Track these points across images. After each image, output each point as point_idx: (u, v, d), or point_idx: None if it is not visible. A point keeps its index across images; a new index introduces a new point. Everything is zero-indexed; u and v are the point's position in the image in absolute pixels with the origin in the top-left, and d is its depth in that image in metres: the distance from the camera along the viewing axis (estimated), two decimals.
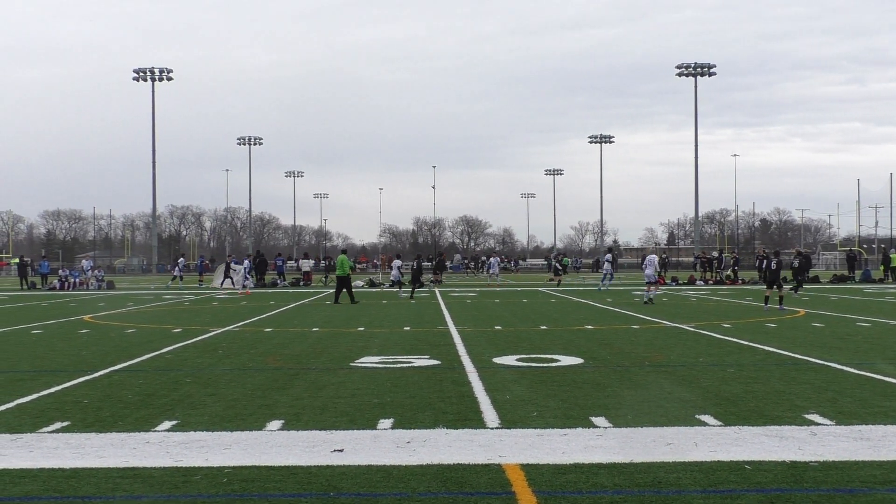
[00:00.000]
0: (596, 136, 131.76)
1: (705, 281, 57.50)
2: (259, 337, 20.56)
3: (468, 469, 7.67)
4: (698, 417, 9.90)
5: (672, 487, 7.06)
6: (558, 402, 10.97)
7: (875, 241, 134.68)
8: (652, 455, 8.09)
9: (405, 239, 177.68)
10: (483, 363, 15.07)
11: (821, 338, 19.31)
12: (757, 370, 13.96)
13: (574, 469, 7.63)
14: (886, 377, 12.96)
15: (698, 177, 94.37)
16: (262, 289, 54.01)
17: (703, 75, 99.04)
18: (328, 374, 13.96)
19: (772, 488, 7.01)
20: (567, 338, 19.73)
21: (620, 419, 9.84)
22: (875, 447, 8.39)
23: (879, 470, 7.55)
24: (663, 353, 16.38)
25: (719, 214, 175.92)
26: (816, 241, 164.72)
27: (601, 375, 13.48)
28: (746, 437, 8.85)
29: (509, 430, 9.31)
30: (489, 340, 19.26)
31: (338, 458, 8.10)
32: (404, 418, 10.03)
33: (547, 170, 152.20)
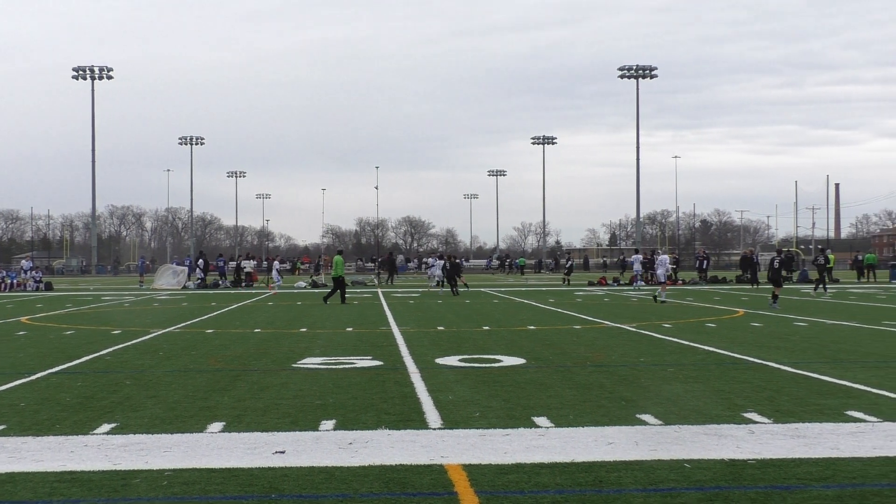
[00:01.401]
0: (539, 138, 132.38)
1: (646, 281, 57.94)
2: (200, 338, 20.40)
3: (410, 470, 7.67)
4: (639, 417, 9.98)
5: (613, 486, 7.11)
6: (501, 403, 11.00)
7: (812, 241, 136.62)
8: (593, 454, 8.14)
9: (348, 239, 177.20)
10: (426, 364, 15.07)
11: (759, 337, 19.54)
12: (697, 370, 14.10)
13: (516, 469, 7.66)
14: (822, 376, 13.15)
15: (640, 178, 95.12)
16: (203, 290, 53.57)
17: (645, 77, 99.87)
18: (270, 375, 13.89)
19: (711, 486, 7.09)
20: (510, 338, 19.79)
21: (562, 419, 9.89)
22: (811, 444, 8.51)
23: (815, 467, 7.66)
24: (605, 353, 16.49)
25: (660, 215, 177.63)
26: (755, 242, 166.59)
27: (543, 375, 13.54)
28: (686, 436, 8.93)
29: (452, 431, 9.32)
30: (432, 341, 19.26)
31: (279, 460, 8.06)
32: (347, 419, 10.00)
33: (490, 170, 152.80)
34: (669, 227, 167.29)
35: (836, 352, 16.57)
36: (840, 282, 57.98)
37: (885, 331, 20.99)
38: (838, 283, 57.24)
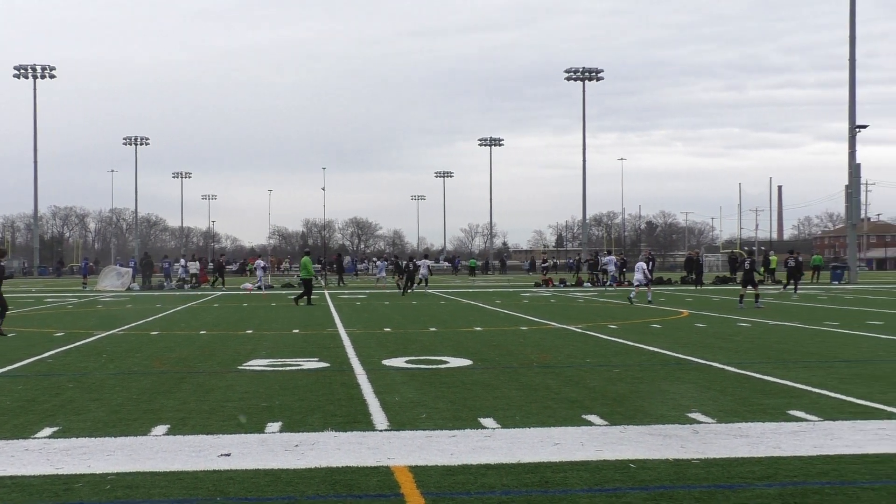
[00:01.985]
0: (486, 139, 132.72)
1: (592, 283, 58.29)
2: (145, 340, 20.21)
3: (357, 471, 7.65)
4: (585, 417, 10.03)
5: (559, 487, 7.14)
6: (447, 404, 11.01)
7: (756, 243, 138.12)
8: (539, 455, 8.17)
9: (294, 241, 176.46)
10: (372, 365, 15.04)
11: (704, 338, 19.73)
12: (642, 370, 14.20)
13: (462, 470, 7.66)
14: (765, 376, 13.30)
15: (586, 180, 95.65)
16: (148, 291, 53.08)
17: (591, 80, 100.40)
18: (216, 377, 13.79)
19: (656, 486, 7.14)
20: (456, 339, 19.82)
21: (509, 420, 9.92)
22: (754, 444, 8.60)
23: (758, 466, 7.75)
24: (551, 354, 16.56)
25: (606, 217, 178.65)
26: (700, 244, 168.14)
27: (490, 377, 13.57)
28: (631, 436, 9.00)
29: (398, 432, 9.31)
30: (378, 342, 19.24)
31: (225, 463, 8.00)
32: (293, 421, 9.96)
33: (437, 172, 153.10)
34: (615, 228, 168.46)
35: (779, 352, 16.77)
36: (781, 283, 58.65)
37: (826, 331, 21.28)
38: (780, 283, 57.91)
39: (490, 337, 20.42)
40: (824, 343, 18.46)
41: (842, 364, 14.88)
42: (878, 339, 19.05)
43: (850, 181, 62.50)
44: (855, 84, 61.78)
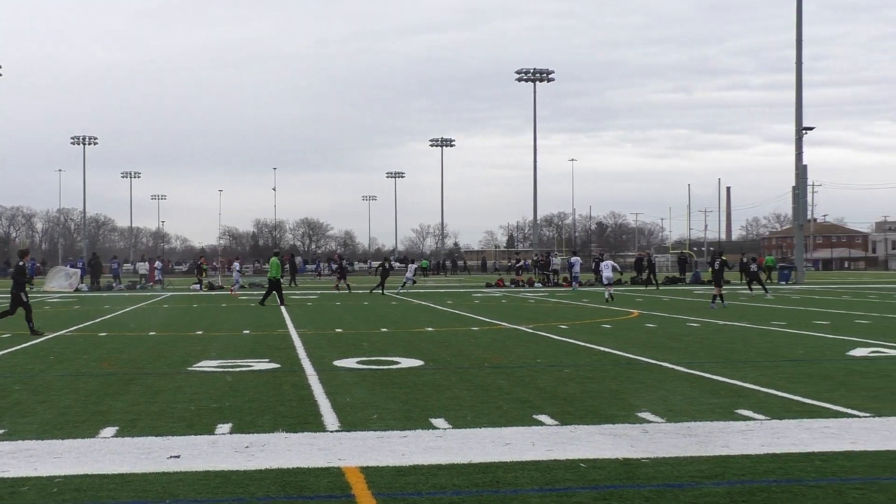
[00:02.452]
0: (437, 140, 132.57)
1: (543, 283, 58.50)
2: (93, 341, 20.01)
3: (308, 473, 7.62)
4: (536, 417, 10.07)
5: (510, 487, 7.16)
6: (399, 404, 11.00)
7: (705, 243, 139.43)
8: (490, 455, 8.19)
9: (245, 241, 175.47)
10: (323, 366, 15.00)
11: (654, 338, 19.87)
12: (593, 370, 14.28)
13: (414, 471, 7.66)
14: (714, 375, 13.42)
15: (537, 180, 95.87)
16: (96, 292, 52.54)
17: (542, 81, 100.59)
18: (165, 378, 13.68)
19: (606, 485, 7.18)
20: (408, 340, 19.81)
21: (460, 420, 9.93)
22: (702, 443, 8.68)
23: (706, 465, 7.82)
24: (502, 355, 16.60)
25: (557, 217, 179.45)
26: (650, 244, 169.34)
27: (441, 377, 13.58)
28: (582, 436, 9.04)
29: (349, 433, 9.29)
30: (330, 343, 19.19)
31: (174, 465, 7.94)
32: (243, 423, 9.91)
33: (388, 172, 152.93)
34: (566, 229, 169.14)
35: (728, 352, 16.94)
36: (731, 283, 59.19)
37: (773, 331, 21.51)
38: (729, 283, 58.44)
39: (441, 337, 20.44)
40: (772, 343, 18.66)
41: (789, 363, 15.06)
42: (824, 339, 19.29)
43: (797, 182, 63.19)
44: (802, 86, 62.51)
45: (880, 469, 7.66)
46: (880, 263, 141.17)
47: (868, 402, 10.93)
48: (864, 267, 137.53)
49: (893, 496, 6.80)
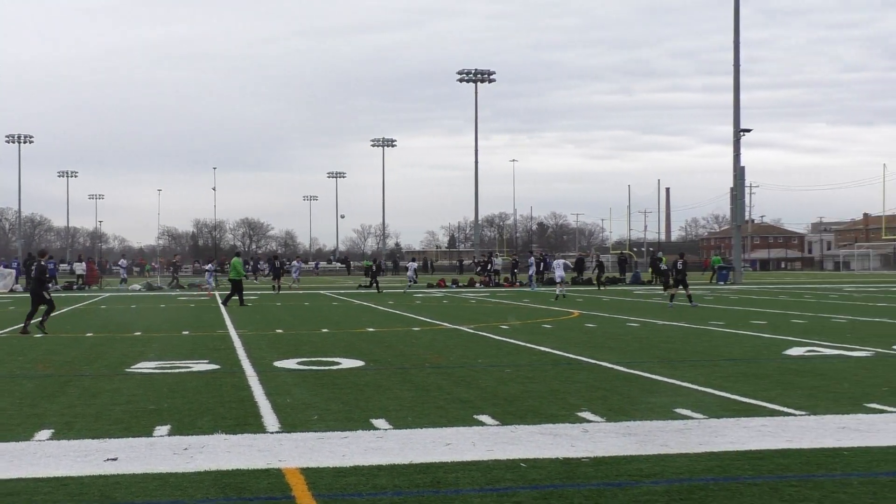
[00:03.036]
0: (378, 140, 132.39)
1: (484, 283, 58.65)
2: (28, 343, 19.72)
3: (247, 474, 7.57)
4: (476, 417, 10.08)
5: (450, 487, 7.16)
6: (339, 405, 10.97)
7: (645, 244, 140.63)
8: (431, 455, 8.19)
9: (185, 241, 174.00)
10: (264, 367, 14.92)
11: (594, 338, 20.00)
12: (533, 370, 14.33)
13: (354, 471, 7.64)
14: (653, 375, 13.53)
15: (478, 181, 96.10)
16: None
17: (483, 81, 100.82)
18: (103, 380, 13.52)
19: (546, 485, 7.21)
20: (349, 340, 19.76)
21: (401, 421, 9.92)
22: (641, 442, 8.75)
23: (646, 463, 7.88)
24: (443, 355, 16.61)
25: (498, 218, 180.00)
26: (591, 245, 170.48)
27: (382, 377, 13.56)
28: (522, 436, 9.07)
29: (289, 434, 9.25)
30: (270, 344, 19.08)
31: (112, 467, 7.84)
32: (182, 424, 9.81)
33: (329, 172, 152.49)
34: (507, 229, 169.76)
35: (666, 351, 17.10)
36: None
37: (711, 331, 21.75)
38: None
39: (383, 338, 20.41)
40: (710, 342, 18.86)
41: (726, 363, 15.23)
42: (761, 339, 19.53)
43: (735, 184, 63.94)
44: (739, 89, 63.28)
45: (815, 466, 7.77)
46: (816, 264, 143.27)
47: (803, 400, 11.09)
48: (801, 267, 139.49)
49: (828, 493, 6.90)
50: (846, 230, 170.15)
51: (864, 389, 11.95)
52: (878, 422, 9.74)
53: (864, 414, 10.19)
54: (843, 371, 13.95)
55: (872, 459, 8.01)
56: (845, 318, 26.02)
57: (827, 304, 33.51)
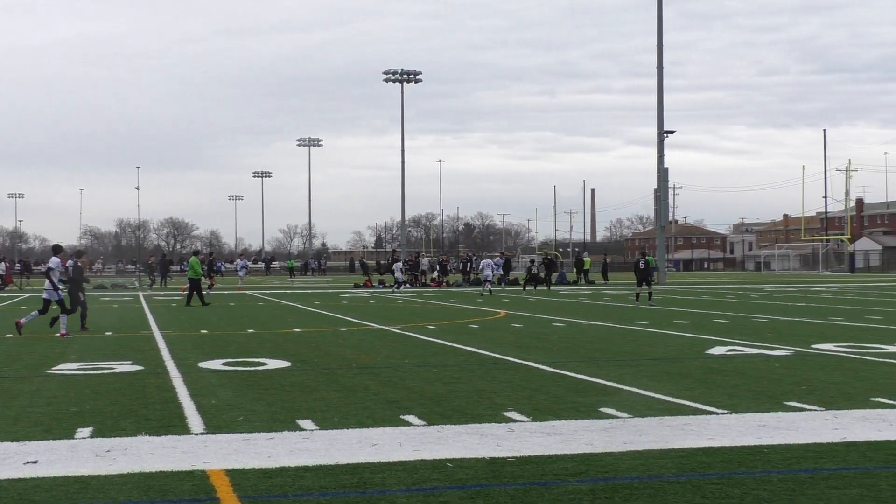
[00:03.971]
0: (304, 139, 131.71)
1: (412, 283, 58.64)
2: None
3: (171, 476, 7.48)
4: (403, 418, 10.08)
5: (377, 488, 7.15)
6: (265, 406, 10.90)
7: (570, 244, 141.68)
8: (357, 456, 8.17)
9: (108, 241, 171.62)
10: (188, 368, 14.77)
11: (519, 338, 20.10)
12: (460, 370, 14.37)
13: (280, 473, 7.60)
14: (578, 374, 13.64)
15: (405, 181, 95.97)
16: None
17: (410, 82, 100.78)
18: (22, 382, 13.29)
19: (472, 485, 7.23)
20: (275, 341, 19.64)
21: (327, 421, 9.88)
22: (567, 441, 8.81)
23: (571, 462, 7.93)
24: (370, 355, 16.58)
25: (425, 218, 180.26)
26: (517, 245, 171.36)
27: (309, 378, 13.50)
28: (449, 436, 9.09)
29: (214, 436, 9.17)
30: (195, 344, 18.90)
31: (31, 471, 7.70)
32: (104, 426, 9.68)
33: (255, 172, 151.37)
34: (434, 229, 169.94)
35: (592, 351, 17.25)
36: (595, 283, 60.31)
37: (636, 330, 21.98)
38: (593, 284, 59.53)
39: (309, 338, 20.32)
40: (634, 342, 19.06)
41: (650, 362, 15.40)
42: (685, 338, 19.79)
43: (658, 185, 64.71)
44: (663, 91, 64.03)
45: (736, 464, 7.89)
46: (738, 264, 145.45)
47: (725, 399, 11.25)
48: (723, 267, 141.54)
49: (748, 490, 7.01)
50: (767, 231, 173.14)
51: (783, 388, 12.17)
52: (798, 420, 9.93)
53: (783, 412, 10.38)
54: (763, 370, 14.18)
55: (791, 457, 8.16)
56: (766, 317, 26.45)
57: (748, 303, 34.05)
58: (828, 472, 7.58)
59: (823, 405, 10.75)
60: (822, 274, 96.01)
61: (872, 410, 10.42)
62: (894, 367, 14.48)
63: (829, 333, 20.59)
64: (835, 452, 8.31)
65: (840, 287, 50.52)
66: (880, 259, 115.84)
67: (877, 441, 8.76)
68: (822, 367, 14.42)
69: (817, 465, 7.86)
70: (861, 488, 7.05)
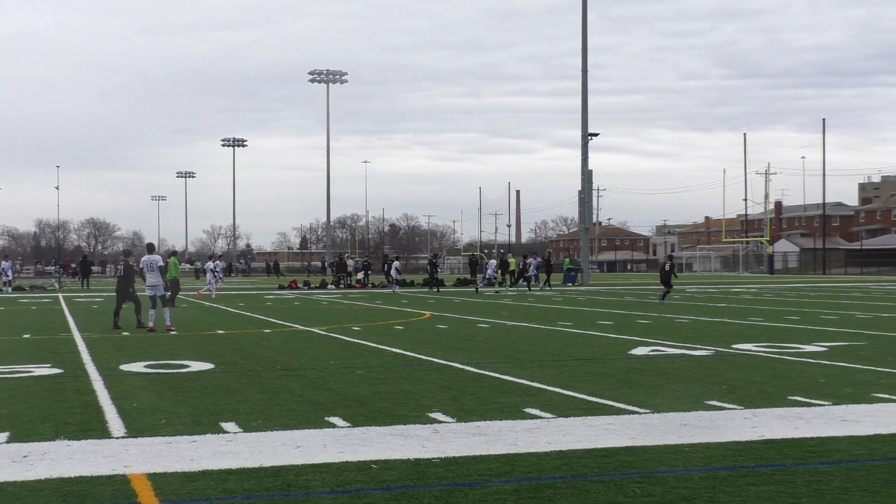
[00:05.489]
0: (228, 140, 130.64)
1: (335, 284, 58.42)
2: None
3: (91, 481, 7.37)
4: (328, 419, 10.05)
5: (301, 490, 7.12)
6: (188, 409, 10.79)
7: (495, 245, 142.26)
8: (281, 458, 8.12)
9: (26, 241, 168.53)
10: (110, 370, 14.56)
11: (445, 339, 20.14)
12: (385, 371, 14.35)
13: (203, 476, 7.52)
14: (503, 375, 13.70)
15: (330, 182, 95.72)
16: None
17: (335, 82, 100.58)
18: None
19: (397, 486, 7.23)
20: (198, 343, 19.45)
21: (251, 424, 9.81)
22: (491, 441, 8.85)
23: (495, 463, 7.97)
24: (294, 357, 16.50)
25: (350, 219, 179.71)
26: (442, 246, 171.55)
27: (232, 380, 13.39)
28: (373, 437, 9.07)
29: (136, 439, 9.05)
30: (116, 347, 18.64)
31: None
32: (22, 431, 9.50)
33: (178, 172, 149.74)
34: (360, 230, 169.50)
35: (516, 352, 17.33)
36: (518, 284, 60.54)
37: (559, 331, 22.13)
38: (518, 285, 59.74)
39: (233, 340, 20.16)
40: (558, 343, 19.19)
41: (574, 362, 15.53)
42: (608, 339, 19.97)
43: (583, 187, 65.16)
44: (587, 93, 64.53)
45: (658, 463, 7.99)
46: (660, 265, 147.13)
47: (647, 398, 11.38)
48: (646, 269, 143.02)
49: (670, 488, 7.10)
50: (689, 233, 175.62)
51: (704, 387, 12.34)
52: (717, 418, 10.08)
53: (704, 411, 10.53)
54: (685, 370, 14.38)
55: (712, 455, 8.28)
56: (687, 318, 26.81)
57: (670, 304, 34.47)
58: (746, 470, 7.72)
59: (743, 404, 10.93)
60: (742, 275, 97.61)
61: (790, 409, 10.62)
62: (811, 366, 14.77)
63: (748, 333, 20.93)
64: (753, 450, 8.46)
65: (759, 288, 51.38)
66: (798, 260, 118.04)
67: (793, 438, 8.93)
68: (741, 367, 14.65)
69: (736, 462, 8.00)
70: (778, 485, 7.19)
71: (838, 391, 11.93)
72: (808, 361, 15.32)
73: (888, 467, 7.79)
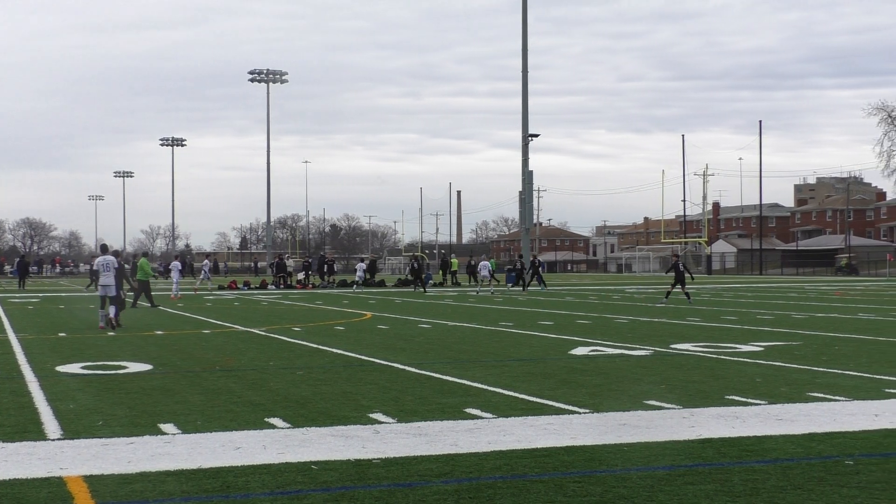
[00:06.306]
0: (167, 139, 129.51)
1: (276, 285, 58.14)
2: None
3: (26, 484, 7.27)
4: (268, 420, 9.99)
5: (240, 491, 7.07)
6: (126, 410, 10.68)
7: (437, 246, 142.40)
8: (221, 460, 8.07)
9: None
10: (45, 372, 14.36)
11: (386, 339, 20.12)
12: (325, 372, 14.31)
13: (140, 478, 7.45)
14: (444, 375, 13.71)
15: (270, 182, 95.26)
16: None
17: (275, 82, 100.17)
18: None
19: (337, 487, 7.21)
20: (136, 344, 19.25)
21: (190, 425, 9.73)
22: (432, 442, 8.85)
23: (436, 463, 7.97)
24: (234, 358, 16.39)
25: (291, 219, 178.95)
26: (384, 247, 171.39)
27: (171, 381, 13.27)
28: (314, 438, 9.04)
29: (72, 441, 8.94)
30: (52, 348, 18.40)
31: None
32: None
33: (116, 172, 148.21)
34: (300, 231, 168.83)
35: (457, 352, 17.36)
36: (461, 285, 60.71)
37: (501, 331, 22.21)
38: (460, 286, 59.90)
39: (171, 341, 19.98)
40: (499, 343, 19.26)
41: (515, 363, 15.59)
42: (548, 339, 20.08)
43: (523, 187, 65.52)
44: (528, 94, 64.87)
45: (597, 462, 8.04)
46: (600, 266, 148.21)
47: (587, 398, 11.46)
48: (586, 269, 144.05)
49: (609, 487, 7.16)
50: (628, 233, 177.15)
51: (643, 387, 12.45)
52: (656, 418, 10.17)
53: (643, 411, 10.62)
54: (624, 370, 14.49)
55: (651, 454, 8.36)
56: (627, 318, 27.02)
57: (610, 305, 34.73)
58: (684, 469, 7.79)
59: (681, 403, 11.04)
60: None
61: (727, 408, 10.75)
62: (748, 365, 14.95)
63: (686, 334, 21.14)
64: (691, 449, 8.55)
65: (697, 288, 51.88)
66: (735, 261, 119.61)
67: (730, 437, 9.04)
68: (680, 367, 14.80)
69: (675, 461, 8.08)
70: (715, 484, 7.27)
71: (774, 390, 12.10)
72: (744, 361, 15.51)
73: (822, 466, 7.92)
